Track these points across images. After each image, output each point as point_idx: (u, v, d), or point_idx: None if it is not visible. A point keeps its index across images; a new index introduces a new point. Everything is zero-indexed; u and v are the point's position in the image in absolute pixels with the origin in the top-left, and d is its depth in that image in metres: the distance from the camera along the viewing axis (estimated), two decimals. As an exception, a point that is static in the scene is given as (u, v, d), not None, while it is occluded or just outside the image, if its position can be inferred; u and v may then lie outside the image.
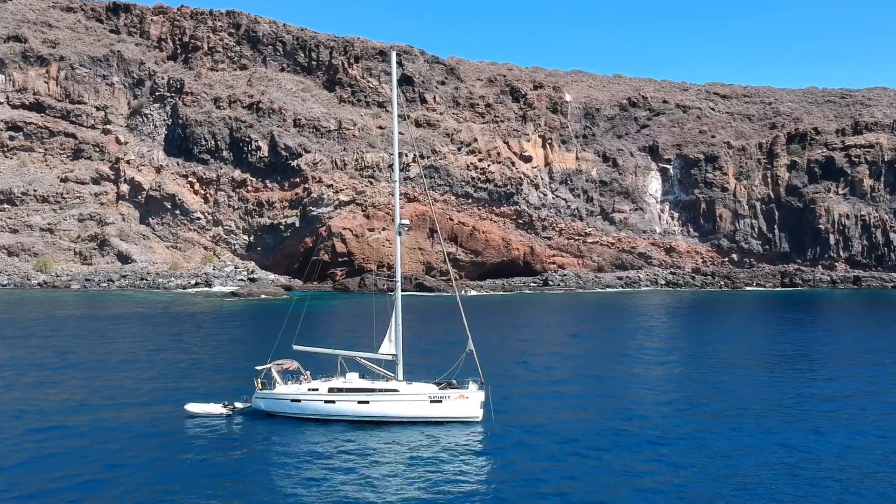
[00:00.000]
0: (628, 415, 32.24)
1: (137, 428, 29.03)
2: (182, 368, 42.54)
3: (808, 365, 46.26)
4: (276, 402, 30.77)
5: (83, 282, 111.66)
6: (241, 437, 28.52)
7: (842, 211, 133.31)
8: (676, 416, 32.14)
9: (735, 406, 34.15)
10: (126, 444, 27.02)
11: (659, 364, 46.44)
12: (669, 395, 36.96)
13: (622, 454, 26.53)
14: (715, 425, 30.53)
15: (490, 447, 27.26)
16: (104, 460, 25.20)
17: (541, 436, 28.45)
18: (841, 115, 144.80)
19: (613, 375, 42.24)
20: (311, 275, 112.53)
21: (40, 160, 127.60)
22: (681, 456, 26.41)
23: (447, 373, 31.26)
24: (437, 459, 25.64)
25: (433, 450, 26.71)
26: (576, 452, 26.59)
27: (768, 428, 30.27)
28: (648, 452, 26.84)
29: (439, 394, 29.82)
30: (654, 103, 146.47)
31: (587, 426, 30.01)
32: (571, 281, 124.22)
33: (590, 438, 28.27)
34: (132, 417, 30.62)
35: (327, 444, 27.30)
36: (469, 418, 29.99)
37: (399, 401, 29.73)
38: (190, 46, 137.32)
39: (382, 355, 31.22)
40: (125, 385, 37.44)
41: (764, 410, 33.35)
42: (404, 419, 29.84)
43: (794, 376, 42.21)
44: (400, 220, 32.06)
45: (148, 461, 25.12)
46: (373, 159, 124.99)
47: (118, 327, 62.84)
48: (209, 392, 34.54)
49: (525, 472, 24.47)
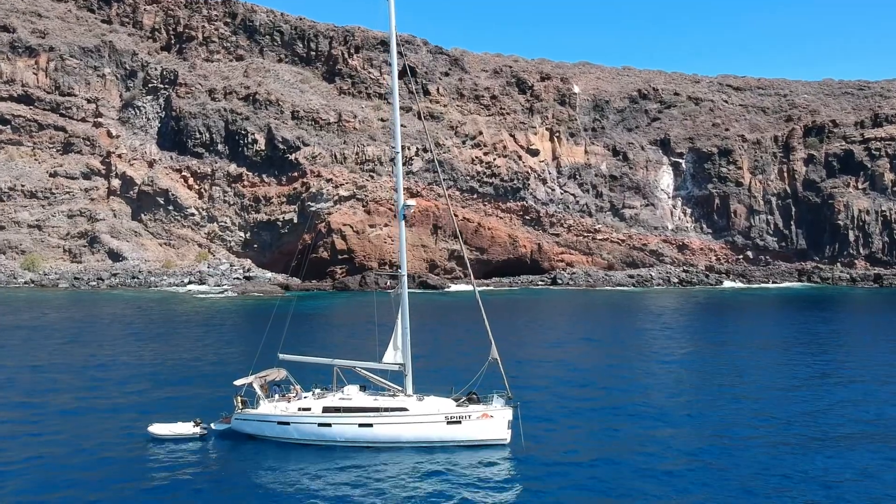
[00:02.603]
0: (680, 442, 27.19)
1: (82, 459, 23.87)
2: (152, 378, 37.41)
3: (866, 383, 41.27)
4: (259, 424, 25.54)
5: (72, 280, 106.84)
6: (214, 464, 23.44)
7: (861, 206, 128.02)
8: (745, 446, 27.10)
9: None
10: (64, 479, 21.93)
11: (697, 372, 41.41)
12: (725, 413, 31.91)
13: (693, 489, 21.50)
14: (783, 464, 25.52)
15: (521, 477, 22.21)
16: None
17: (584, 465, 23.39)
18: (859, 107, 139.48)
19: (655, 388, 37.20)
20: (301, 270, 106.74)
21: (29, 154, 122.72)
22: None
23: (466, 386, 25.84)
24: (457, 495, 20.59)
25: (451, 482, 21.66)
26: (635, 488, 21.56)
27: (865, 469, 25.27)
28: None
29: (458, 412, 24.52)
30: (665, 95, 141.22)
31: (640, 449, 24.96)
32: (581, 279, 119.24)
33: (642, 466, 23.22)
34: (75, 446, 25.37)
35: (321, 475, 22.24)
36: (494, 441, 24.79)
37: (409, 422, 24.38)
38: (184, 36, 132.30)
39: (387, 365, 25.97)
40: (79, 400, 32.25)
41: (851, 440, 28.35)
42: (416, 443, 24.69)
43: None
44: (404, 202, 26.74)
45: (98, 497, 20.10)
46: (374, 153, 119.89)
47: (95, 329, 57.81)
48: (180, 407, 29.39)
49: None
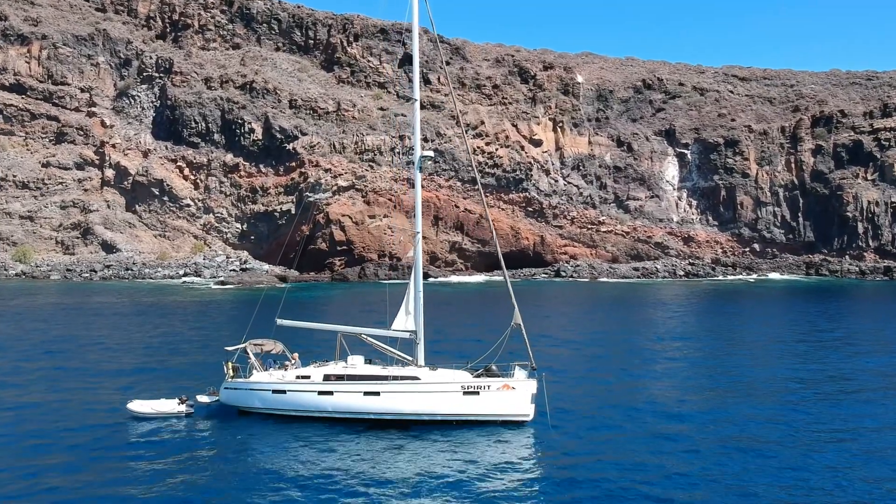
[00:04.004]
0: (725, 412, 24.66)
1: (59, 440, 21.31)
2: (137, 357, 34.81)
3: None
4: (252, 394, 22.89)
5: (64, 272, 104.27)
6: (201, 444, 20.81)
7: (871, 198, 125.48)
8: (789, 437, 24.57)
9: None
10: (37, 461, 19.35)
11: (719, 356, 38.94)
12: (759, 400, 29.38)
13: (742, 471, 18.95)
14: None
15: (548, 458, 19.59)
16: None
17: (620, 441, 20.79)
18: (868, 97, 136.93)
19: (679, 367, 34.69)
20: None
21: (21, 144, 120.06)
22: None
23: (485, 355, 22.95)
24: (475, 480, 17.98)
25: (468, 464, 19.02)
26: (681, 470, 18.98)
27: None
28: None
29: (475, 383, 21.75)
30: (669, 86, 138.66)
31: (674, 430, 22.39)
32: (585, 272, 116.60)
33: (692, 442, 20.65)
34: (53, 422, 22.90)
35: (321, 455, 19.62)
36: (516, 416, 22.10)
37: (420, 391, 21.62)
38: (180, 24, 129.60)
39: (397, 332, 23.19)
40: (58, 379, 29.71)
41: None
42: (427, 417, 21.94)
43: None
44: (422, 152, 24.09)
45: (67, 488, 17.49)
46: (373, 142, 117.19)
47: (82, 315, 55.18)
48: (167, 386, 26.79)
49: (606, 499, 16.87)
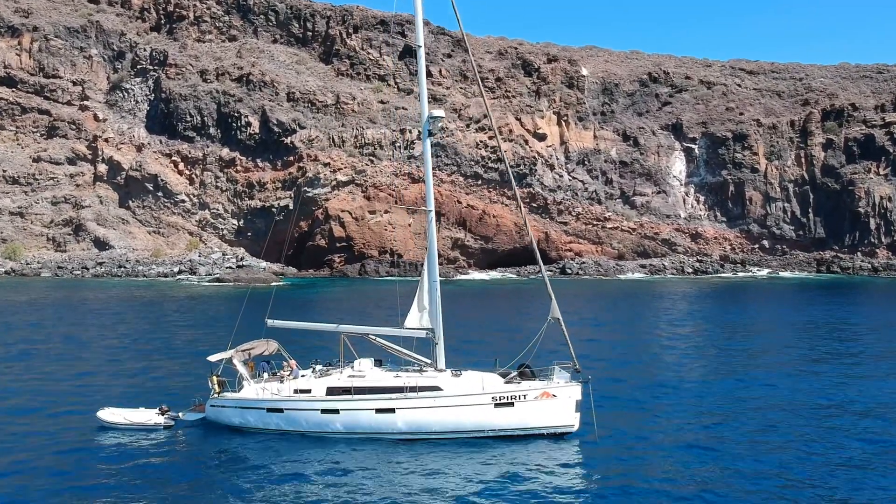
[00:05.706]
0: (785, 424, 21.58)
1: (14, 448, 18.20)
2: (117, 361, 31.59)
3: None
4: (243, 412, 19.60)
5: (55, 269, 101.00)
6: (172, 464, 17.60)
7: (883, 193, 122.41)
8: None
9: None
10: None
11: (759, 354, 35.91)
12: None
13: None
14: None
15: (597, 476, 16.45)
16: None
17: (679, 457, 17.64)
18: (879, 90, 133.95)
19: (740, 369, 31.61)
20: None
21: (11, 139, 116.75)
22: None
23: (520, 355, 19.50)
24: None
25: (501, 485, 15.88)
26: (741, 485, 15.88)
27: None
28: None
29: (508, 391, 18.26)
30: (676, 79, 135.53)
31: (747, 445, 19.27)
32: (591, 269, 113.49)
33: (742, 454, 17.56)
34: (11, 428, 19.78)
35: (325, 471, 16.44)
36: (558, 429, 18.85)
37: (444, 406, 18.06)
38: (174, 16, 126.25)
39: (411, 331, 19.82)
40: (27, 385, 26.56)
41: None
42: (453, 435, 18.61)
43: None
44: (430, 114, 20.82)
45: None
46: (374, 136, 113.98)
47: (66, 313, 51.99)
48: (146, 394, 23.62)
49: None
